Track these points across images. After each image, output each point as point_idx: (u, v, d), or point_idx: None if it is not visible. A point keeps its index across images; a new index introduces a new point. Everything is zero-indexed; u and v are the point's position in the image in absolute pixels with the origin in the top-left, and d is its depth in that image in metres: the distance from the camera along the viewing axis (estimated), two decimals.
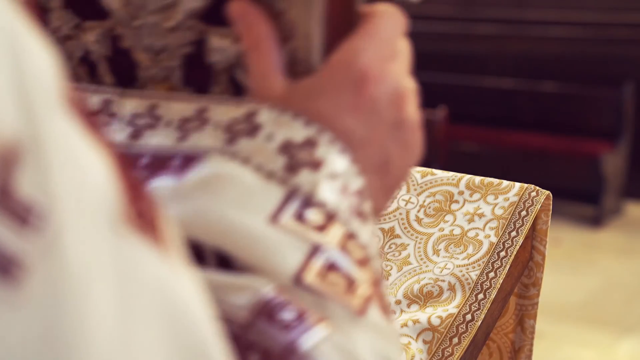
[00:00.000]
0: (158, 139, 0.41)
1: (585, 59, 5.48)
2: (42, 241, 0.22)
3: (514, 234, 0.94)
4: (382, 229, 0.97)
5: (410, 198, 0.99)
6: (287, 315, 0.35)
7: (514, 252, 0.93)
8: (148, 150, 0.41)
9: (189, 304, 0.27)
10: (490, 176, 1.01)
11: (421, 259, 0.95)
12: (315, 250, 0.37)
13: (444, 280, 0.93)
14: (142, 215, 0.27)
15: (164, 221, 0.29)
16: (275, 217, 0.37)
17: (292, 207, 0.38)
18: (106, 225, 0.25)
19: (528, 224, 0.94)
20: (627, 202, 5.29)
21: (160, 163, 0.40)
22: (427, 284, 0.93)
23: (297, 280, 0.36)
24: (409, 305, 0.92)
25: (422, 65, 5.98)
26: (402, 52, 0.46)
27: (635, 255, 4.48)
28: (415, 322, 0.90)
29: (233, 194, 0.38)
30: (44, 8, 0.47)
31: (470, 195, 0.99)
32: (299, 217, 0.38)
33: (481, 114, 5.62)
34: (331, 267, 0.37)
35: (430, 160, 4.36)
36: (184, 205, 0.37)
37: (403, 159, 0.45)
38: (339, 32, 0.44)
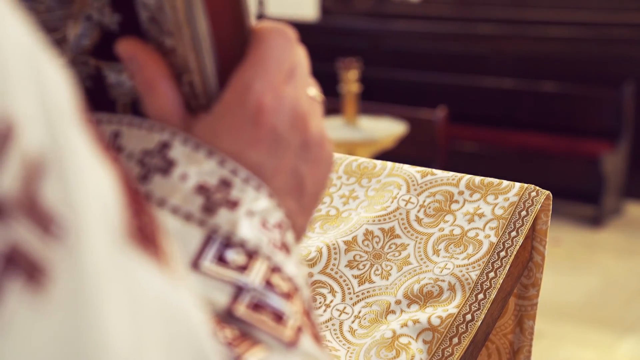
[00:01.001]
0: None
1: (585, 59, 5.48)
2: (63, 250, 0.23)
3: (514, 234, 0.94)
4: (382, 229, 0.97)
5: (410, 198, 0.99)
6: (229, 334, 0.36)
7: (514, 252, 0.94)
8: None
9: (189, 316, 0.28)
10: (490, 176, 1.01)
11: (421, 259, 0.95)
12: (239, 291, 0.37)
13: (444, 280, 0.93)
14: (143, 229, 0.28)
15: (163, 235, 0.29)
16: (196, 263, 0.37)
17: (212, 250, 0.38)
18: (114, 239, 0.26)
19: (528, 224, 0.94)
20: (627, 202, 5.29)
21: None
22: (427, 284, 0.93)
23: (229, 313, 0.37)
24: (409, 305, 0.92)
25: (422, 66, 5.97)
26: (298, 67, 0.44)
27: (635, 255, 4.48)
28: (415, 322, 0.90)
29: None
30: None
31: (470, 195, 0.99)
32: (220, 259, 0.38)
33: (481, 114, 5.62)
34: (257, 306, 0.37)
35: (430, 160, 4.36)
36: None
37: (316, 175, 0.45)
38: (231, 58, 0.43)
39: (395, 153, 4.26)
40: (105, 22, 0.44)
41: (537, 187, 0.97)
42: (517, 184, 0.98)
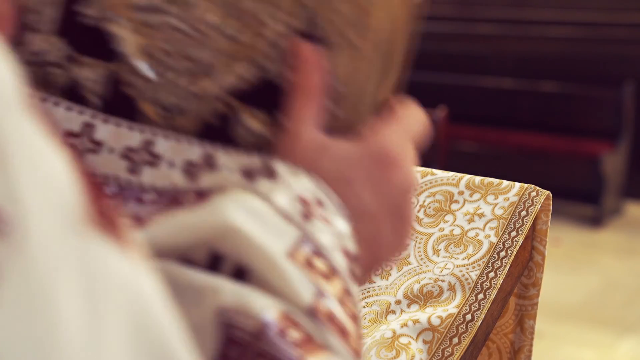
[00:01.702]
0: (162, 179, 0.43)
1: (585, 59, 5.48)
2: (10, 247, 0.23)
3: (514, 234, 0.94)
4: None
5: None
6: (296, 335, 0.37)
7: (514, 252, 0.94)
8: (150, 188, 0.42)
9: (152, 301, 0.27)
10: (490, 176, 1.01)
11: (421, 259, 0.95)
12: (320, 294, 0.39)
13: (444, 280, 0.93)
14: (103, 213, 0.27)
15: (122, 220, 0.29)
16: (292, 253, 0.39)
17: (305, 250, 0.40)
18: (70, 226, 0.25)
19: (528, 224, 0.94)
20: (627, 202, 5.29)
21: (171, 200, 0.42)
22: (427, 284, 0.93)
23: (312, 311, 0.38)
24: (409, 305, 0.92)
25: (422, 66, 5.98)
26: (412, 151, 0.48)
27: (635, 255, 4.48)
28: (415, 322, 0.90)
29: (257, 220, 0.39)
30: (28, 26, 0.46)
31: (470, 195, 0.99)
32: (309, 261, 0.40)
33: (481, 114, 5.62)
34: (331, 315, 0.39)
35: (430, 160, 4.36)
36: (211, 216, 0.39)
37: (390, 246, 0.47)
38: (378, 111, 0.48)
39: None
40: (271, 73, 0.46)
41: (537, 187, 0.97)
42: (517, 184, 0.98)
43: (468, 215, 0.97)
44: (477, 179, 1.00)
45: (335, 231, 0.42)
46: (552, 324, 3.49)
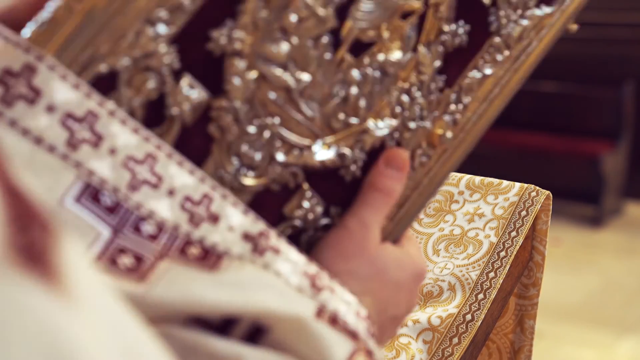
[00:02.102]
0: (162, 207, 0.41)
1: (585, 59, 5.48)
2: None
3: (514, 234, 0.94)
4: None
5: None
6: None
7: (514, 252, 0.94)
8: (149, 215, 0.41)
9: (80, 345, 0.24)
10: (490, 176, 1.01)
11: None
12: (353, 353, 0.41)
13: (444, 280, 0.93)
14: (30, 247, 0.24)
15: (61, 251, 0.26)
16: (319, 313, 0.41)
17: (326, 314, 0.42)
18: None
19: (528, 224, 0.94)
20: (627, 202, 5.29)
21: (172, 243, 0.41)
22: (427, 284, 0.93)
23: None
24: None
25: None
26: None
27: (635, 255, 4.48)
28: (415, 322, 0.90)
29: (277, 289, 0.41)
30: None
31: (470, 195, 0.99)
32: (333, 320, 0.42)
33: None
34: None
35: None
36: (239, 300, 0.40)
37: (380, 340, 0.51)
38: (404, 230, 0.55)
39: None
40: (352, 166, 0.51)
41: (537, 187, 0.97)
42: (517, 184, 0.98)
43: (468, 215, 0.97)
44: (477, 179, 1.00)
45: (344, 299, 0.44)
46: (552, 324, 3.49)
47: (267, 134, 0.46)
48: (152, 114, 0.43)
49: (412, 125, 0.53)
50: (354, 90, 0.49)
